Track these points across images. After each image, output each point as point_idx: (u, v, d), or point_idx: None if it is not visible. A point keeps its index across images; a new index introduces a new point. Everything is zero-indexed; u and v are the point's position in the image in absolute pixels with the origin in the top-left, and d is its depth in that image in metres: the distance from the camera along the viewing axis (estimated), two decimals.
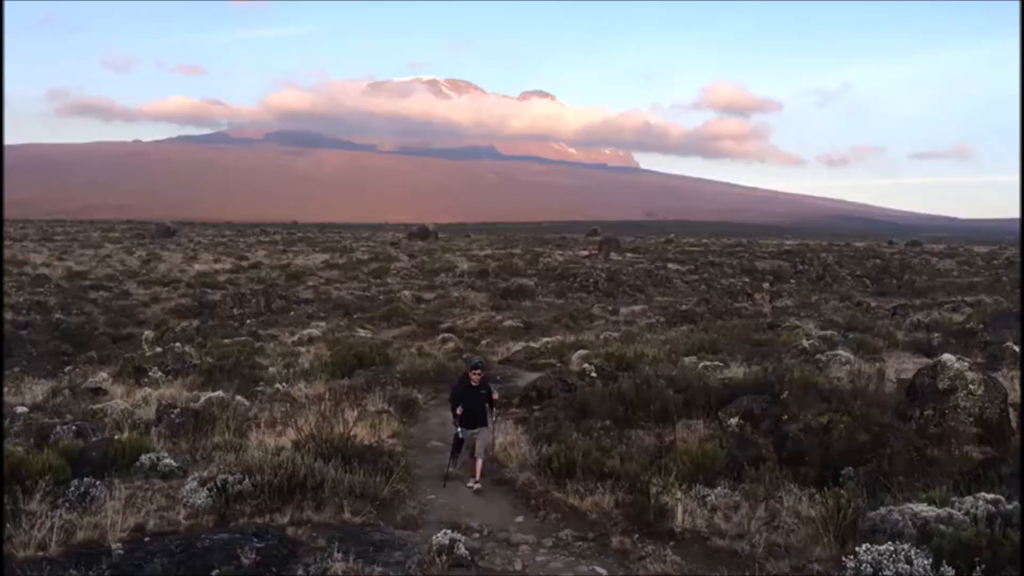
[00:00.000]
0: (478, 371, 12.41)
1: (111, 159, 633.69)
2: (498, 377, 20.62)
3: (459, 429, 12.17)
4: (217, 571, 7.59)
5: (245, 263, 60.23)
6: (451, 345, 28.20)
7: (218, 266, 57.91)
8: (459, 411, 12.14)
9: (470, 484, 11.67)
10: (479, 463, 11.89)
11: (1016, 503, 7.85)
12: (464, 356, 22.46)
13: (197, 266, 57.26)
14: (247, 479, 9.75)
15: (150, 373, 19.40)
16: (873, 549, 7.13)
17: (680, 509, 9.57)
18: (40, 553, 7.85)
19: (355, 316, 38.11)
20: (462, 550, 8.42)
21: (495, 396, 12.71)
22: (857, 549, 7.22)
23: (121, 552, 7.93)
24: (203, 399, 15.28)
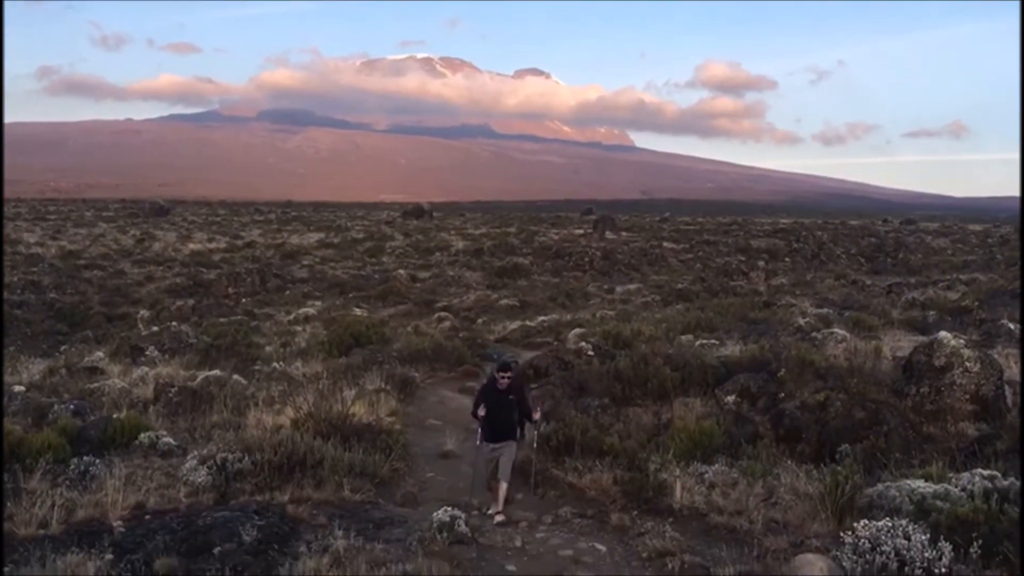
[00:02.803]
0: (507, 373, 10.13)
1: (103, 137, 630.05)
2: (495, 356, 20.63)
3: (480, 443, 10.16)
4: (219, 548, 7.62)
5: (239, 242, 60.01)
6: (447, 324, 28.21)
7: (212, 245, 57.70)
8: (480, 414, 10.07)
9: (490, 512, 9.67)
10: (503, 487, 9.76)
11: (1012, 479, 7.92)
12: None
13: (191, 245, 57.02)
14: (247, 457, 9.78)
15: (147, 352, 19.38)
16: (871, 525, 7.18)
17: (678, 486, 9.64)
18: (41, 531, 7.88)
19: (351, 295, 38.06)
20: (462, 527, 8.47)
21: (536, 415, 10.39)
22: (855, 525, 7.26)
23: (122, 529, 7.96)
24: (200, 378, 15.27)
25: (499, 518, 9.39)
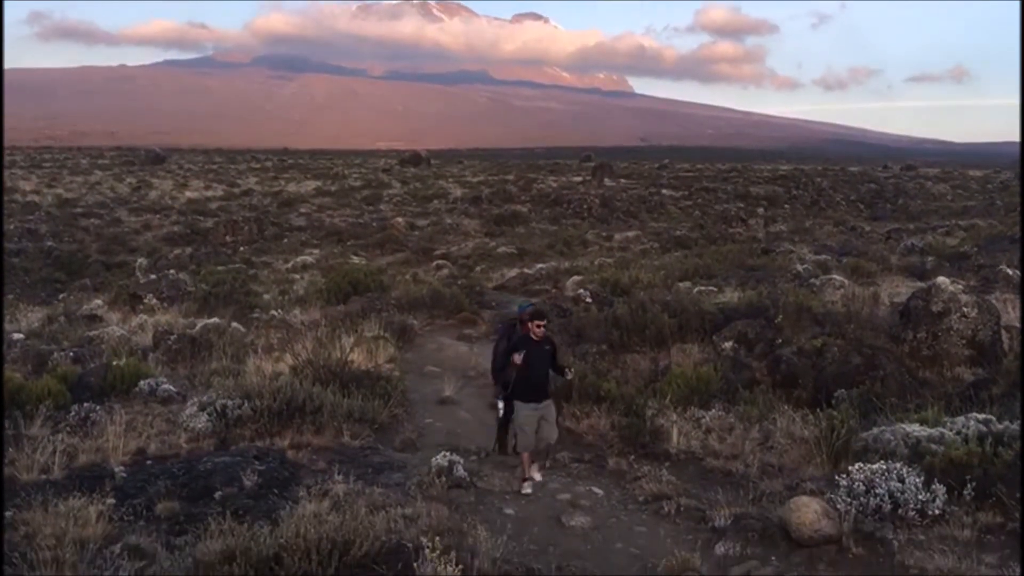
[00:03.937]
0: (542, 322, 8.81)
1: (98, 84, 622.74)
2: (494, 303, 20.69)
3: (501, 404, 8.85)
4: (220, 493, 7.70)
5: (236, 190, 59.61)
6: (445, 271, 28.21)
7: (209, 193, 57.32)
8: (510, 384, 8.71)
9: (528, 486, 8.57)
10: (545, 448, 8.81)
11: (1008, 422, 7.97)
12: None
13: (188, 193, 56.62)
14: (246, 404, 9.84)
15: (145, 300, 19.36)
16: (866, 468, 7.25)
17: (675, 431, 9.72)
18: (43, 476, 7.94)
19: (349, 243, 38.03)
20: (461, 472, 8.55)
21: (569, 374, 9.44)
22: (850, 468, 7.34)
23: (124, 475, 8.03)
24: (199, 326, 15.29)
25: (538, 476, 8.71)
